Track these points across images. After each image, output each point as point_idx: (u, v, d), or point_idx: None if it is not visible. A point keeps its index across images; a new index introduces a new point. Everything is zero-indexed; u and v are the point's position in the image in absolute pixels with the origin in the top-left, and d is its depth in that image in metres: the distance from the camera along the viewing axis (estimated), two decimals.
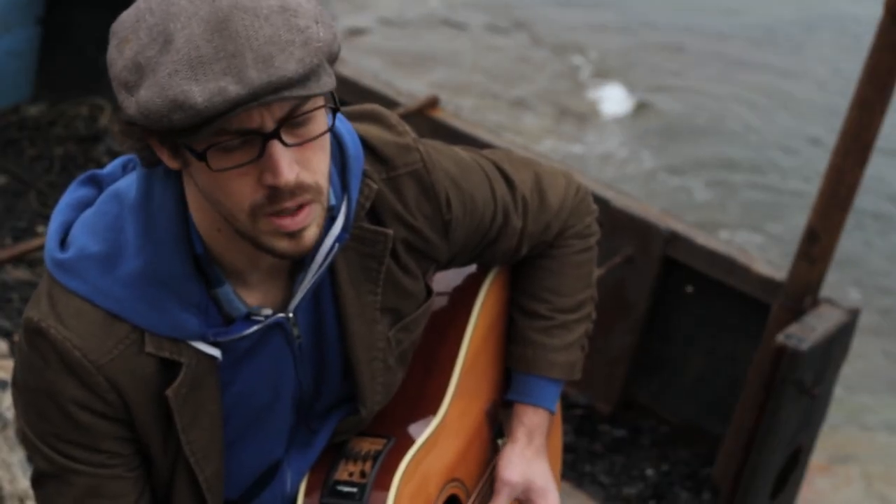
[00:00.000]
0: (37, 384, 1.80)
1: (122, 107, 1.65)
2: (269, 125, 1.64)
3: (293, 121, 1.66)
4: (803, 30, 8.84)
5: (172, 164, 1.70)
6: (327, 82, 1.64)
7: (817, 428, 4.13)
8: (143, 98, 1.61)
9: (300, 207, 1.69)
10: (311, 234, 1.72)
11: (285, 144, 1.65)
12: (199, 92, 1.58)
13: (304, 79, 1.61)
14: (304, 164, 1.68)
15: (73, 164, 5.19)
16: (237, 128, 1.63)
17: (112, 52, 1.66)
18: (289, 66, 1.60)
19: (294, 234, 1.70)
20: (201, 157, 1.64)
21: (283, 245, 1.71)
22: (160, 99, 1.59)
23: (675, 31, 8.75)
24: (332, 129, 1.73)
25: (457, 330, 2.15)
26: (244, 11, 1.60)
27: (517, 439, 2.19)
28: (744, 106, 7.95)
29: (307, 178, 1.68)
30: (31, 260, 4.55)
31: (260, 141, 1.64)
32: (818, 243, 3.73)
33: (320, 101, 1.68)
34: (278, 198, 1.67)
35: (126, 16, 1.66)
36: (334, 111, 1.73)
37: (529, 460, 2.18)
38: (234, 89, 1.58)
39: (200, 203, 1.74)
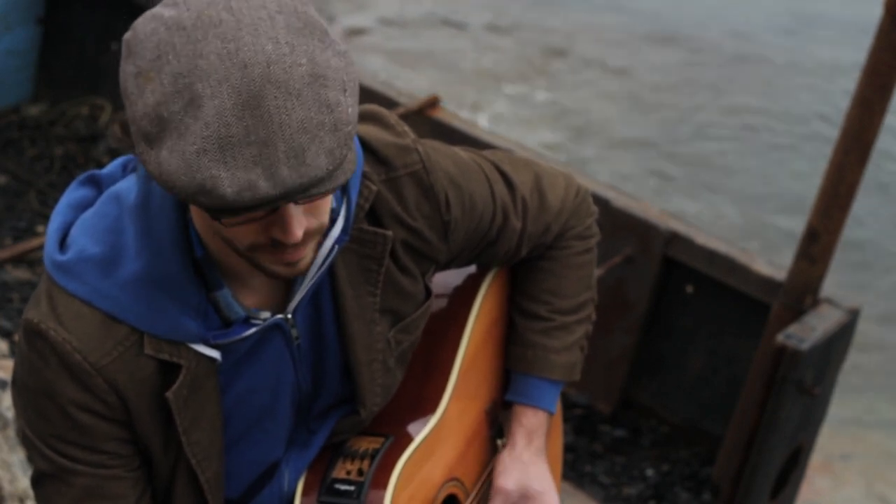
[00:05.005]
0: (36, 385, 1.80)
1: (140, 160, 1.60)
2: None
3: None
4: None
5: None
6: (350, 166, 1.62)
7: (817, 427, 4.13)
8: (168, 166, 1.56)
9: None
10: (307, 260, 1.72)
11: (297, 202, 1.63)
12: (229, 181, 1.54)
13: (332, 173, 1.59)
14: (312, 211, 1.66)
15: (73, 164, 5.19)
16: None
17: (129, 82, 1.59)
18: (319, 161, 1.56)
19: (291, 263, 1.71)
20: (215, 216, 1.62)
21: (278, 269, 1.71)
22: (186, 178, 1.55)
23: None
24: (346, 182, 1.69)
25: (456, 331, 2.15)
26: (276, 87, 1.54)
27: (516, 441, 2.19)
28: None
29: (313, 224, 1.67)
30: (31, 260, 4.56)
31: None
32: (818, 243, 3.73)
33: None
34: (283, 246, 1.67)
35: (144, 37, 1.58)
36: None
37: (526, 464, 2.18)
38: (264, 186, 1.54)
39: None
